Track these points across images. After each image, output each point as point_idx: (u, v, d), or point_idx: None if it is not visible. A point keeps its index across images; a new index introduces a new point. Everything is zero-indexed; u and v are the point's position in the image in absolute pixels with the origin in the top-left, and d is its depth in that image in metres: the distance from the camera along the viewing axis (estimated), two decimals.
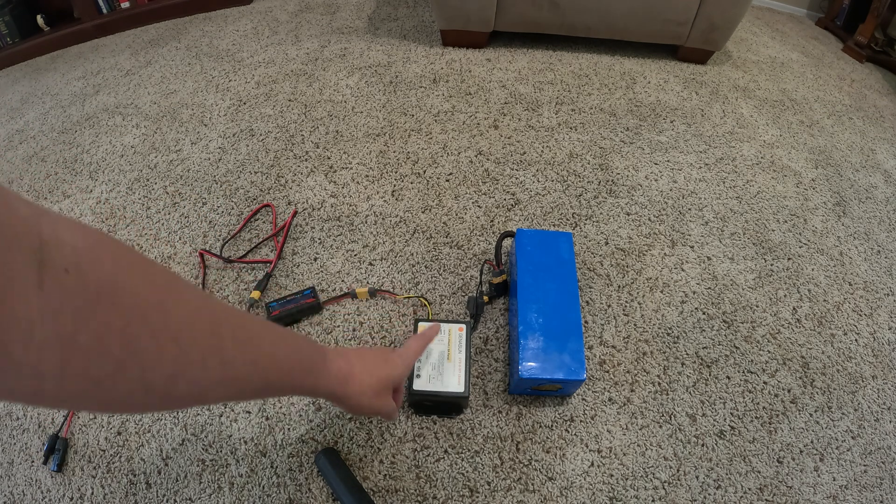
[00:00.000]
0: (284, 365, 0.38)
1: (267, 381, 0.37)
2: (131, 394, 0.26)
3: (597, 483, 0.61)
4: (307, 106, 1.15)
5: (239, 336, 0.33)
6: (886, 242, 0.94)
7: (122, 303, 0.25)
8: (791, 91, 1.32)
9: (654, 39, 1.33)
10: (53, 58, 1.40)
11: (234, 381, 0.33)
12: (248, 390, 0.36)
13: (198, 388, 0.30)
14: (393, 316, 0.75)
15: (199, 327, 0.30)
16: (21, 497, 0.58)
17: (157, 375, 0.27)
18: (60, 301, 0.22)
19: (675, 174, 1.02)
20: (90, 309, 0.23)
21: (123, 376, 0.25)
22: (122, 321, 0.24)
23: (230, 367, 0.32)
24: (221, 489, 0.59)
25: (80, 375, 0.23)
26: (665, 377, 0.71)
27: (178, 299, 0.29)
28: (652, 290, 0.81)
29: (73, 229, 0.24)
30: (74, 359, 0.23)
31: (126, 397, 0.27)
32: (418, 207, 0.92)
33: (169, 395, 0.29)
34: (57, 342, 0.22)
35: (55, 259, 0.22)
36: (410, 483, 0.60)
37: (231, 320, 0.33)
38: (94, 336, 0.23)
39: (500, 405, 0.66)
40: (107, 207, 0.92)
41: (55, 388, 0.23)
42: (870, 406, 0.70)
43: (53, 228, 0.23)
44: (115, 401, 0.27)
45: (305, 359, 0.41)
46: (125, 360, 0.25)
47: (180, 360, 0.28)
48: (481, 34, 1.34)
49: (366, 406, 0.48)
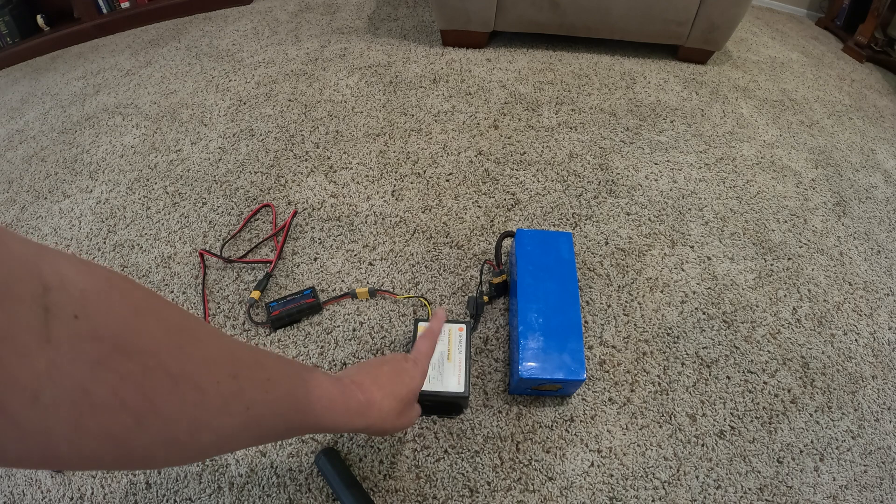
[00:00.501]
0: (303, 404, 0.36)
1: (289, 423, 0.34)
2: (153, 449, 0.24)
3: (597, 483, 0.61)
4: (307, 106, 1.15)
5: (258, 376, 0.31)
6: (886, 242, 0.94)
7: (138, 349, 0.22)
8: (791, 91, 1.32)
9: (654, 39, 1.33)
10: (53, 58, 1.40)
11: (256, 426, 0.31)
12: (270, 434, 0.33)
13: (221, 436, 0.28)
14: (393, 316, 0.75)
15: (219, 370, 0.27)
16: (21, 497, 0.58)
17: (180, 427, 0.25)
18: (71, 352, 0.19)
19: (675, 174, 1.02)
20: (105, 359, 0.21)
21: (144, 431, 0.23)
22: (139, 369, 0.22)
23: (252, 410, 0.30)
24: (221, 489, 0.59)
25: (96, 434, 0.21)
26: (665, 377, 0.71)
27: (196, 341, 0.27)
28: (652, 290, 0.81)
29: (77, 269, 0.21)
30: (90, 416, 0.20)
31: (147, 453, 0.24)
32: (418, 207, 0.92)
33: (192, 448, 0.26)
34: (69, 400, 0.19)
35: (62, 304, 0.19)
36: (410, 483, 0.60)
37: (247, 359, 0.31)
38: (110, 389, 0.21)
39: (500, 405, 0.66)
40: (107, 207, 0.92)
41: (70, 451, 0.21)
42: (870, 406, 0.70)
43: (56, 269, 0.20)
44: (136, 459, 0.24)
45: (324, 396, 0.38)
46: (145, 412, 0.23)
47: (203, 408, 0.26)
48: (481, 34, 1.34)
49: (389, 429, 0.46)
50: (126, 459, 0.24)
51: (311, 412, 0.36)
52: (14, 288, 0.18)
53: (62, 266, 0.21)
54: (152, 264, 0.82)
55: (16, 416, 0.18)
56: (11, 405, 0.18)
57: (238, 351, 0.30)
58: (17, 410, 0.18)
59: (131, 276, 0.80)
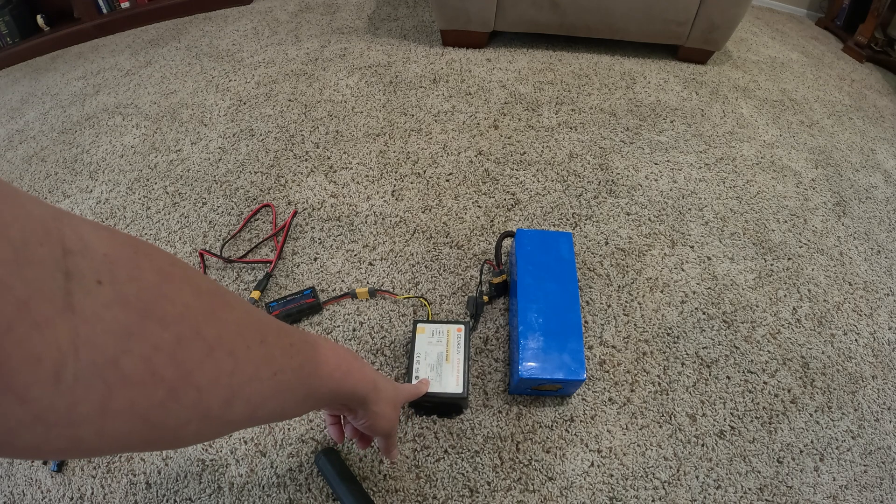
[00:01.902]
0: (324, 369, 0.36)
1: (310, 389, 0.34)
2: (185, 424, 0.22)
3: (597, 483, 0.61)
4: (307, 106, 1.15)
5: (283, 342, 0.30)
6: (886, 242, 0.94)
7: (171, 316, 0.21)
8: (791, 91, 1.32)
9: (654, 39, 1.33)
10: (53, 58, 1.40)
11: (282, 393, 0.30)
12: (291, 403, 0.32)
13: (251, 406, 0.27)
14: (393, 316, 0.75)
15: (250, 336, 0.26)
16: (21, 497, 0.58)
17: (214, 398, 0.23)
18: (97, 321, 0.17)
19: (675, 174, 1.02)
20: (135, 328, 0.19)
21: (178, 405, 0.21)
22: (173, 338, 0.21)
23: (280, 376, 0.29)
24: (221, 489, 0.59)
25: (125, 411, 0.19)
26: (665, 377, 0.71)
27: (226, 305, 0.25)
28: (652, 290, 0.81)
29: (100, 234, 0.20)
30: (118, 392, 0.19)
31: (178, 430, 0.22)
32: (418, 207, 0.92)
33: (223, 419, 0.25)
34: (96, 374, 0.18)
35: (84, 270, 0.18)
36: (410, 483, 0.60)
37: (272, 324, 0.30)
38: (141, 360, 0.19)
39: (500, 405, 0.66)
40: (107, 207, 0.92)
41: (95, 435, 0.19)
42: (870, 406, 0.70)
43: (78, 233, 0.18)
44: (165, 437, 0.22)
45: (342, 361, 0.38)
46: (178, 384, 0.21)
47: (237, 377, 0.25)
48: (481, 34, 1.34)
49: (389, 414, 0.46)
50: (154, 438, 0.22)
51: (331, 375, 0.36)
52: (31, 250, 0.16)
53: (84, 230, 0.19)
54: None
55: (34, 400, 0.16)
56: (29, 387, 0.16)
57: (262, 316, 0.29)
58: (35, 393, 0.16)
59: None
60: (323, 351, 0.36)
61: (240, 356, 0.25)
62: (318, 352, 0.35)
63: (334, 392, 0.38)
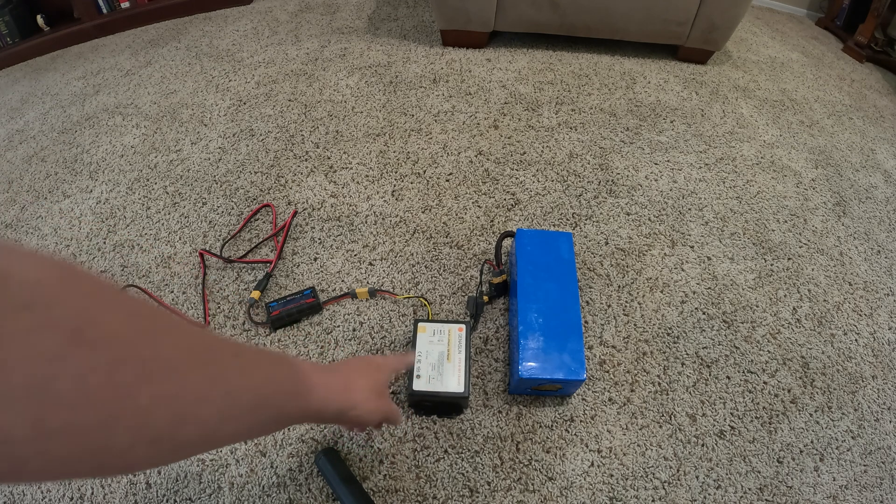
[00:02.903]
0: (288, 387, 0.35)
1: (278, 410, 0.34)
2: (131, 447, 0.22)
3: (597, 483, 0.61)
4: (307, 106, 1.15)
5: (238, 363, 0.30)
6: (886, 242, 0.94)
7: (104, 336, 0.21)
8: (791, 91, 1.32)
9: (654, 39, 1.33)
10: (53, 58, 1.40)
11: (241, 415, 0.29)
12: (257, 425, 0.32)
13: (206, 428, 0.26)
14: (393, 316, 0.75)
15: (195, 356, 0.26)
16: (21, 497, 0.58)
17: (159, 420, 0.23)
18: (25, 348, 0.18)
19: (675, 174, 1.02)
20: (67, 348, 0.19)
21: (120, 425, 0.21)
22: (107, 359, 0.21)
23: (236, 397, 0.29)
24: (221, 489, 0.59)
25: (63, 432, 0.19)
26: (665, 377, 0.71)
27: (165, 329, 0.25)
28: (652, 290, 0.81)
29: (33, 262, 0.20)
30: (53, 413, 0.19)
31: (126, 453, 0.22)
32: (418, 207, 0.92)
33: (176, 443, 0.25)
34: (28, 396, 0.18)
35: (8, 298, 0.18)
36: (410, 483, 0.60)
37: (224, 345, 0.30)
38: (73, 381, 0.19)
39: (500, 405, 0.66)
40: (107, 207, 0.92)
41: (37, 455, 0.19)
42: (870, 406, 0.70)
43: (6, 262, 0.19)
44: (114, 462, 0.22)
45: (306, 379, 0.38)
46: (117, 405, 0.21)
47: (182, 397, 0.24)
48: (481, 34, 1.34)
49: (374, 410, 0.47)
50: (105, 463, 0.22)
51: (296, 395, 0.36)
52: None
53: (13, 259, 0.19)
54: (152, 264, 0.82)
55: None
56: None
57: (212, 337, 0.29)
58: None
59: (131, 276, 0.80)
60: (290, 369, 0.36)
61: (183, 378, 0.25)
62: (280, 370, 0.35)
63: (304, 411, 0.38)
